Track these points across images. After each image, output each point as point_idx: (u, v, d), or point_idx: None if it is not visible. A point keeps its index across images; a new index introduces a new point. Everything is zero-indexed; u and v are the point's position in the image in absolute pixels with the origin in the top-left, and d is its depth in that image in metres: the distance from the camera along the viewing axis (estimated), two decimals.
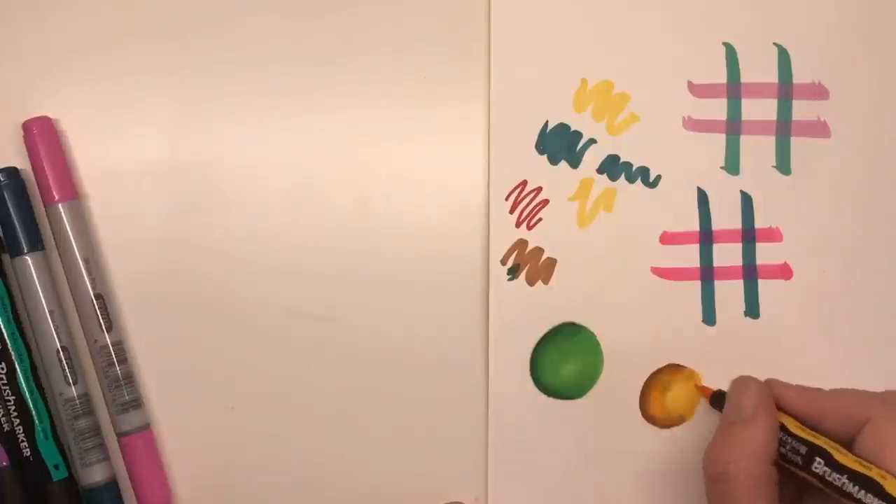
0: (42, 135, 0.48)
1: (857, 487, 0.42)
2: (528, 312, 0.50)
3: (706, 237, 0.51)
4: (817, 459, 0.43)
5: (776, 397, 0.46)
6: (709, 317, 0.51)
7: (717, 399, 0.49)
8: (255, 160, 0.50)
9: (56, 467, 0.47)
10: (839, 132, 0.51)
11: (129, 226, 0.49)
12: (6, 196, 0.47)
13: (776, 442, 0.44)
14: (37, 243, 0.48)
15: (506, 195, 0.50)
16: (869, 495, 0.41)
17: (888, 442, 0.42)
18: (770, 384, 0.47)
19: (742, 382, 0.47)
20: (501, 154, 0.50)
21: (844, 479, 0.42)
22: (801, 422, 0.45)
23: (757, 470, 0.43)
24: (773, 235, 0.51)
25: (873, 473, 0.41)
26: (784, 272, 0.51)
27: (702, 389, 0.50)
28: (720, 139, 0.51)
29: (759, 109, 0.51)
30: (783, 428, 0.45)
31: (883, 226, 0.51)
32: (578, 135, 0.50)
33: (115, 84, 0.49)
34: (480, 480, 0.50)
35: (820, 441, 0.44)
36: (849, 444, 0.44)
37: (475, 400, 0.50)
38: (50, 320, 0.47)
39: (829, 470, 0.43)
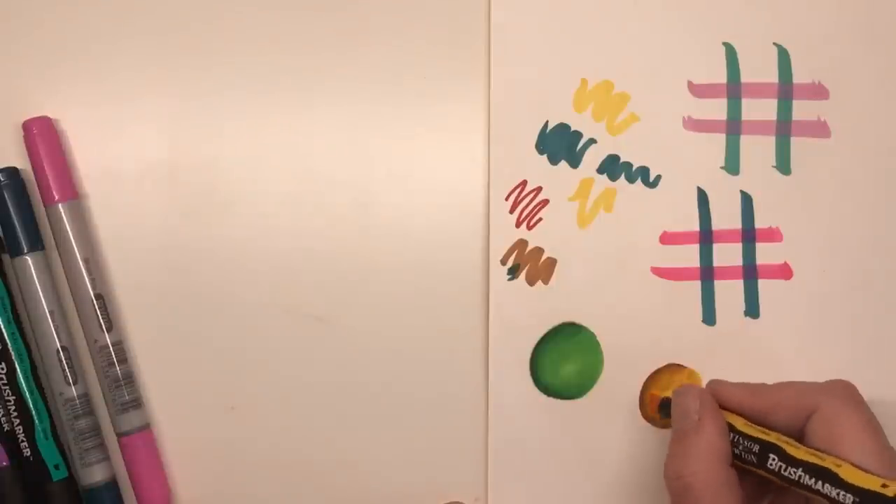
0: (42, 135, 0.48)
1: (813, 479, 0.42)
2: (528, 312, 0.50)
3: (706, 237, 0.51)
4: (771, 456, 0.43)
5: (721, 397, 0.46)
6: (709, 317, 0.51)
7: (665, 407, 0.48)
8: (255, 160, 0.50)
9: (56, 467, 0.47)
10: (839, 132, 0.51)
11: (129, 226, 0.49)
12: (6, 196, 0.47)
13: (728, 443, 0.44)
14: (37, 243, 0.48)
15: (506, 195, 0.50)
16: (826, 485, 0.41)
17: (836, 430, 0.43)
18: (713, 385, 0.47)
19: (682, 391, 0.46)
20: (501, 154, 0.50)
21: (800, 472, 0.42)
22: (748, 418, 0.45)
23: (716, 475, 0.43)
24: (773, 235, 0.51)
25: (827, 463, 0.42)
26: (784, 272, 0.51)
27: (653, 398, 0.50)
28: (720, 139, 0.51)
29: (759, 109, 0.51)
30: (732, 428, 0.45)
31: (883, 226, 0.51)
32: (578, 135, 0.50)
33: (114, 84, 0.49)
34: (480, 480, 0.50)
35: (771, 437, 0.44)
36: (798, 436, 0.44)
37: (475, 400, 0.50)
38: (50, 320, 0.47)
39: (783, 465, 0.43)
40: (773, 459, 0.43)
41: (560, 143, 0.50)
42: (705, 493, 0.43)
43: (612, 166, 0.50)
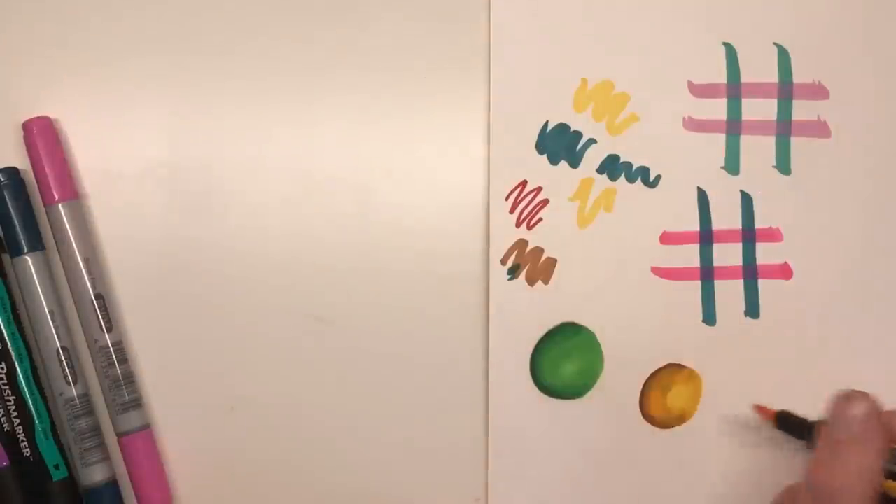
0: (42, 135, 0.48)
1: None
2: (528, 312, 0.50)
3: (706, 237, 0.51)
4: None
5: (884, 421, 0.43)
6: (709, 317, 0.51)
7: (785, 421, 0.47)
8: (255, 160, 0.50)
9: (56, 467, 0.47)
10: (839, 132, 0.51)
11: (129, 226, 0.49)
12: (6, 196, 0.47)
13: (883, 463, 0.42)
14: (37, 243, 0.48)
15: (506, 195, 0.50)
16: None
17: None
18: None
19: (850, 397, 0.43)
20: (501, 154, 0.50)
21: None
22: None
23: (866, 493, 0.41)
24: (773, 235, 0.51)
25: None
26: (784, 272, 0.51)
27: (762, 410, 0.49)
28: (720, 139, 0.51)
29: (759, 109, 0.51)
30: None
31: (883, 226, 0.51)
32: (578, 135, 0.50)
33: (115, 84, 0.49)
34: (480, 480, 0.50)
35: None
36: None
37: (475, 400, 0.50)
38: (50, 320, 0.47)
39: None
40: None
41: (560, 143, 0.50)
42: None
43: (612, 166, 0.50)
